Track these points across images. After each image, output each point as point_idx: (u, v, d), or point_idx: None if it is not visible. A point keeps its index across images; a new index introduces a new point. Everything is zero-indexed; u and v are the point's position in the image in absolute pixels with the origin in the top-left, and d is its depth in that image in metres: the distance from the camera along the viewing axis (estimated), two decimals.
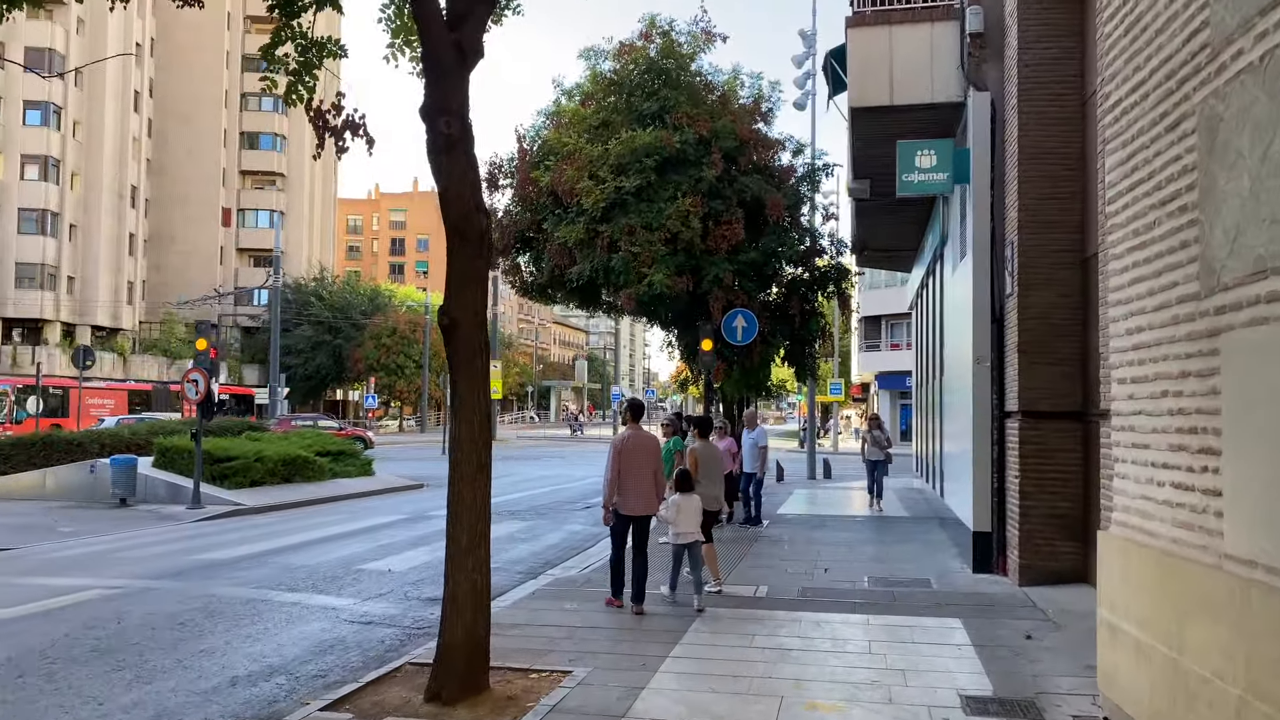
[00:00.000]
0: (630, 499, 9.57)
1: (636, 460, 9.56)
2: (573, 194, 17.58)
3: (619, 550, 9.80)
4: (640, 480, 9.58)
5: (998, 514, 11.27)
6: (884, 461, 19.18)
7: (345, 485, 22.73)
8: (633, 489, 9.55)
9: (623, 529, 9.74)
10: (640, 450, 9.65)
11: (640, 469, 9.58)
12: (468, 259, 6.53)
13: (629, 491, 9.55)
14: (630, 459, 9.56)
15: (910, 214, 18.40)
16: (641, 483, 9.58)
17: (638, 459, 9.58)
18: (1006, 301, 11.17)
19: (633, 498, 9.57)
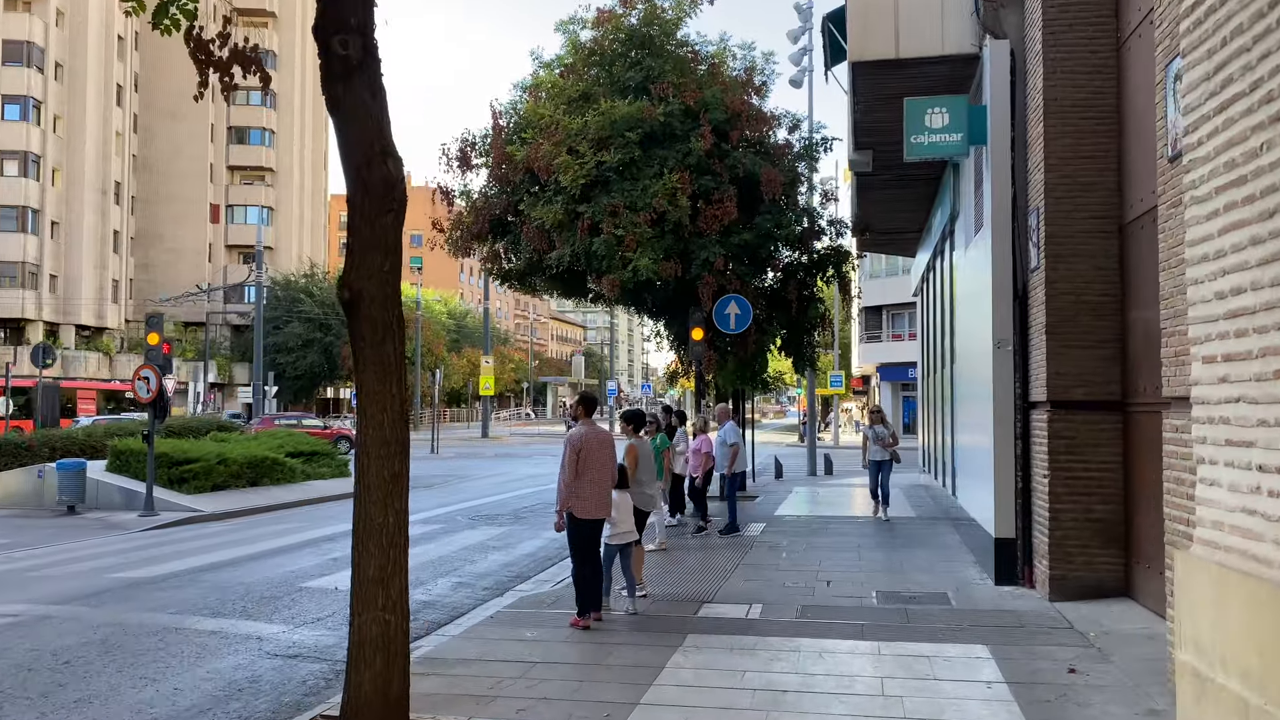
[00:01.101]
0: (589, 502, 8.50)
1: (596, 460, 8.52)
2: (549, 171, 16.21)
3: (587, 558, 8.59)
4: (600, 482, 8.56)
5: (1023, 518, 9.93)
6: (890, 461, 16.50)
7: (317, 488, 21.39)
8: (592, 491, 8.50)
9: (589, 535, 8.57)
10: (600, 448, 8.60)
11: (601, 469, 8.56)
12: (372, 215, 5.19)
13: (588, 494, 8.48)
14: (590, 458, 8.50)
15: (916, 191, 17.05)
16: (601, 485, 8.57)
17: (598, 458, 8.55)
18: (1031, 277, 9.82)
19: (592, 501, 8.51)
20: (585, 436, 8.58)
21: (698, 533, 14.35)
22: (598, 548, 8.79)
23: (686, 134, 16.49)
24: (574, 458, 8.47)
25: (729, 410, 15.47)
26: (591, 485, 8.50)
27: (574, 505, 8.49)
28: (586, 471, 8.50)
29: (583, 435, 8.59)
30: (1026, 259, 9.96)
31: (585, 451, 8.50)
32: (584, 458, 8.49)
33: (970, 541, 12.43)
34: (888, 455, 16.31)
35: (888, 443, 16.34)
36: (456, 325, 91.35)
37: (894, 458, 16.50)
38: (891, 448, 16.41)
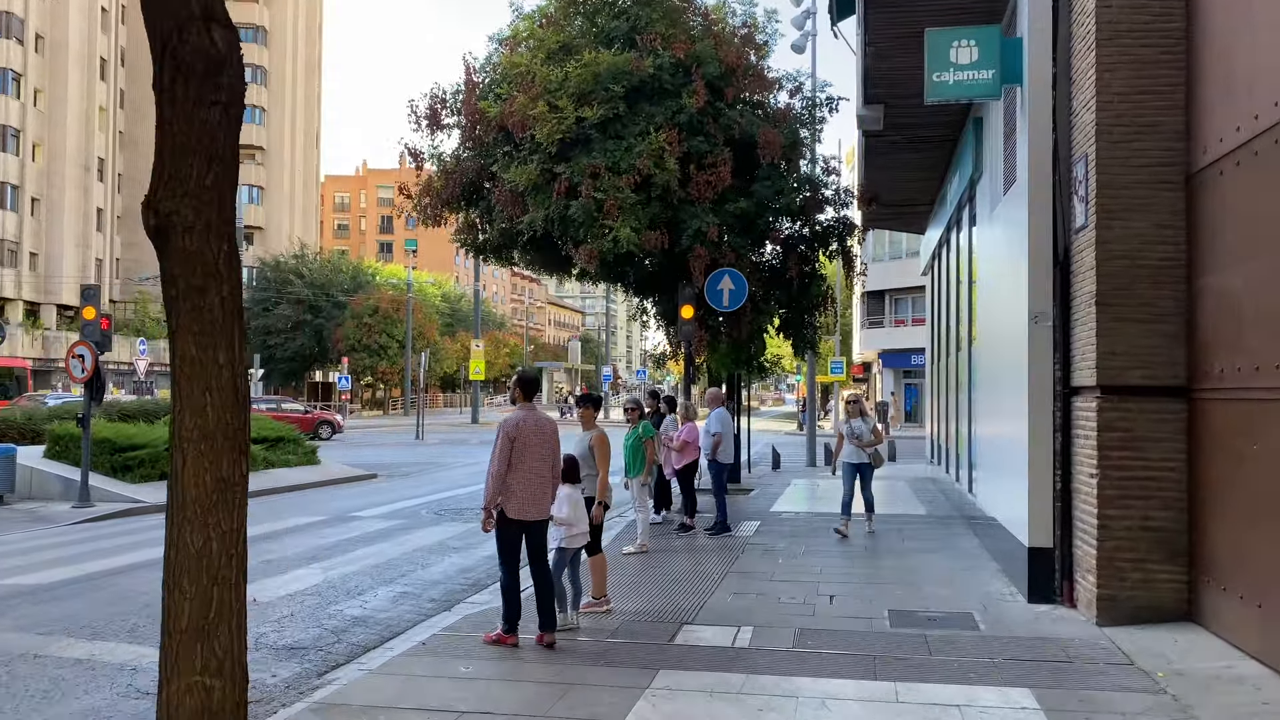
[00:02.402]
0: (522, 500, 7.11)
1: (532, 450, 7.16)
2: (524, 127, 14.64)
3: (513, 568, 7.20)
4: (536, 476, 7.19)
5: (1062, 525, 8.39)
6: (870, 466, 12.74)
7: (279, 477, 19.86)
8: (526, 487, 7.12)
9: (514, 539, 7.19)
10: (539, 437, 7.22)
11: (537, 462, 7.19)
12: (188, 107, 3.64)
13: (522, 490, 7.11)
14: (526, 448, 7.13)
15: (930, 155, 15.45)
16: (537, 479, 7.19)
17: (536, 448, 7.18)
18: (1075, 238, 8.26)
19: (526, 498, 7.13)
20: (522, 423, 7.14)
21: (682, 532, 12.83)
22: (541, 554, 7.34)
23: (677, 90, 14.92)
24: (506, 447, 7.06)
25: (720, 395, 13.89)
26: (526, 480, 7.12)
27: (503, 502, 7.06)
28: (521, 463, 7.10)
29: (519, 421, 7.14)
30: (1070, 217, 8.39)
31: (521, 440, 7.09)
32: (519, 448, 7.08)
33: (993, 547, 10.91)
34: (868, 456, 12.63)
35: (869, 441, 12.59)
36: (451, 309, 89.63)
37: (875, 460, 12.74)
38: (874, 447, 12.68)
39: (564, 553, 7.59)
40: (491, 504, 7.10)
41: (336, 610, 8.74)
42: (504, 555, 7.19)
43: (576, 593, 7.75)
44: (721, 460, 13.02)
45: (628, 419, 11.96)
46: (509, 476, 7.09)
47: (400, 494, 18.35)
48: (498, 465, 7.04)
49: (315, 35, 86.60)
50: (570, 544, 7.60)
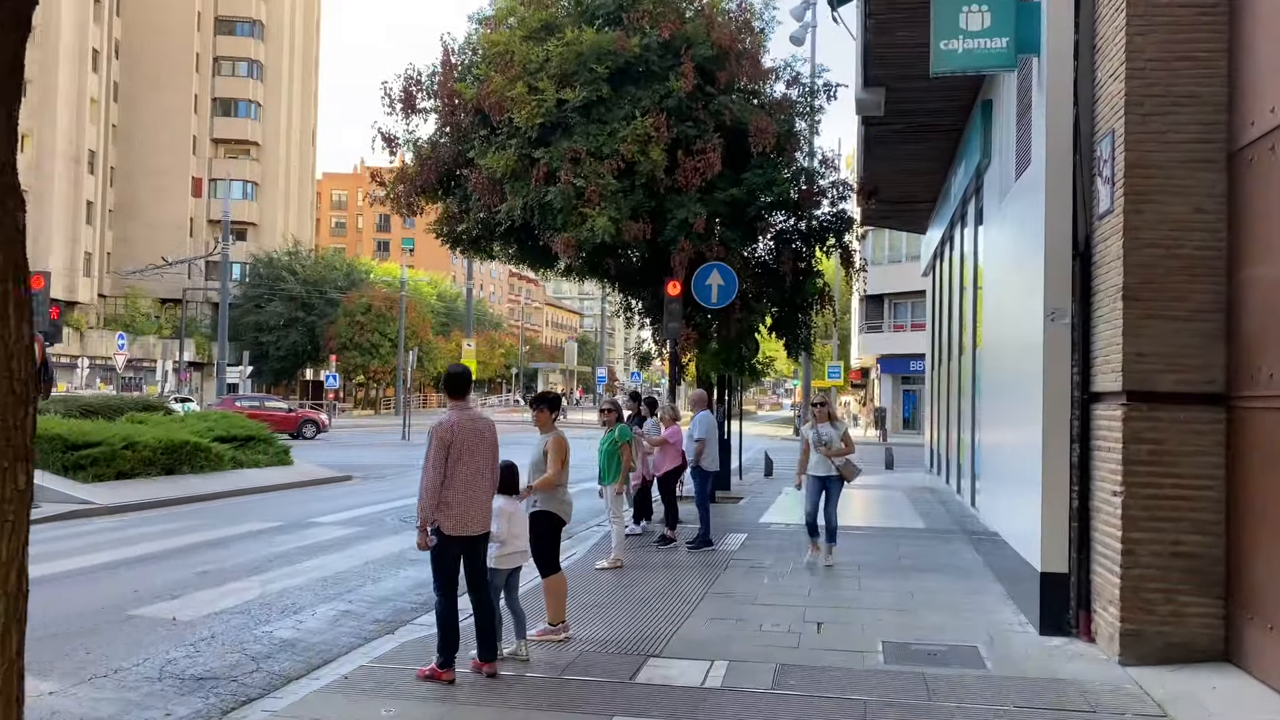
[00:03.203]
0: (461, 513, 6.21)
1: (470, 456, 6.26)
2: (502, 109, 13.72)
3: (450, 592, 6.31)
4: (474, 485, 6.29)
5: (1079, 547, 7.45)
6: (839, 479, 10.67)
7: (247, 478, 18.92)
8: (464, 498, 6.22)
9: (453, 558, 6.30)
10: (477, 442, 6.32)
11: (475, 469, 6.30)
12: None
13: (459, 502, 6.20)
14: (463, 455, 6.23)
15: (933, 145, 14.51)
16: (476, 489, 6.29)
17: (471, 454, 6.28)
18: (1099, 225, 7.33)
19: (465, 511, 6.23)
20: (456, 425, 6.23)
21: (662, 545, 11.89)
22: (484, 575, 6.43)
23: (665, 72, 14.00)
24: (440, 453, 6.17)
25: (704, 397, 12.91)
26: (464, 490, 6.21)
27: (440, 517, 6.13)
28: (458, 471, 6.19)
29: (453, 424, 6.23)
30: (1092, 202, 7.46)
31: (457, 445, 6.17)
32: (455, 454, 6.16)
33: (997, 566, 9.97)
34: (835, 469, 10.59)
35: (838, 450, 10.58)
36: (447, 308, 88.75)
37: (846, 473, 10.64)
38: (844, 457, 10.60)
39: (496, 574, 6.65)
40: (428, 519, 6.18)
41: (265, 632, 7.79)
42: (440, 577, 6.28)
43: (518, 619, 6.81)
44: (706, 468, 12.08)
45: (603, 421, 11.04)
46: (445, 488, 6.18)
47: (370, 498, 17.41)
48: (431, 475, 6.13)
49: (313, 31, 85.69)
50: (501, 564, 6.66)
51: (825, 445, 10.60)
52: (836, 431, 10.76)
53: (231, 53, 76.63)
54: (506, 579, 6.74)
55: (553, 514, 7.22)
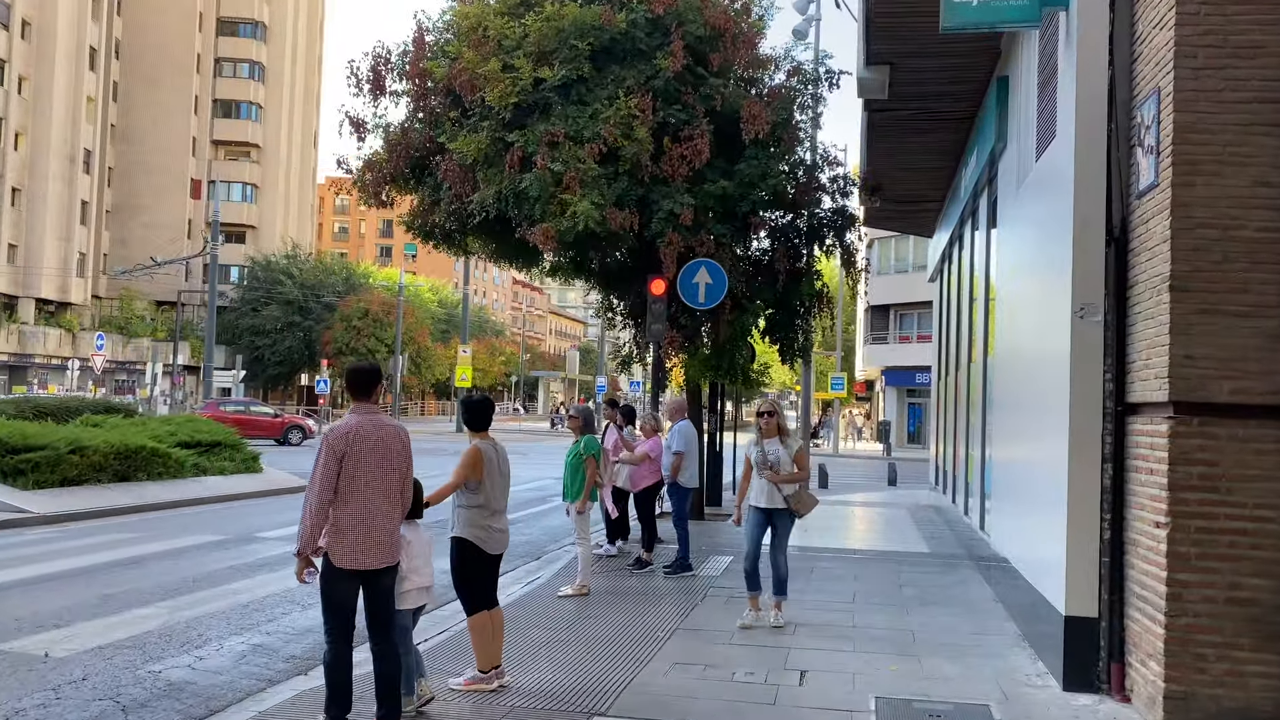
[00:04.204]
0: (357, 540, 5.06)
1: (370, 469, 5.14)
2: (474, 88, 12.62)
3: (342, 638, 5.16)
4: (376, 506, 5.12)
5: (1112, 587, 6.28)
6: (789, 514, 8.24)
7: (208, 486, 17.79)
8: (361, 522, 5.06)
9: (345, 597, 5.15)
10: (378, 453, 5.15)
11: (378, 487, 5.17)
12: None
13: (355, 527, 5.06)
14: (360, 469, 5.07)
15: (942, 136, 13.35)
16: (378, 510, 5.12)
17: (374, 468, 5.12)
18: (1139, 204, 6.17)
19: (362, 538, 5.08)
20: (354, 431, 5.09)
21: (638, 568, 10.73)
22: (386, 616, 5.27)
23: (652, 51, 12.88)
24: (331, 465, 5.02)
25: (683, 405, 11.70)
26: (361, 511, 5.07)
27: (329, 545, 4.99)
28: (354, 488, 5.05)
29: (350, 430, 5.09)
30: (1130, 177, 6.31)
31: (354, 456, 5.02)
32: (351, 466, 5.01)
33: (1011, 601, 8.79)
34: (784, 500, 8.13)
35: (788, 475, 8.16)
36: (448, 314, 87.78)
37: (798, 505, 8.19)
38: (795, 484, 8.21)
39: (403, 616, 5.51)
40: (310, 547, 5.04)
41: (152, 672, 6.64)
42: (331, 619, 5.14)
43: (417, 664, 5.67)
44: (684, 484, 10.91)
45: (571, 429, 9.90)
46: (337, 507, 5.04)
47: None
48: (319, 492, 4.99)
49: (316, 33, 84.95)
50: (402, 603, 5.52)
51: (772, 468, 8.13)
52: (788, 451, 8.19)
53: (233, 54, 75.90)
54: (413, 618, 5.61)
55: (466, 541, 6.05)
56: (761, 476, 8.16)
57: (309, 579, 5.11)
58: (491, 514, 6.08)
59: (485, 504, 6.04)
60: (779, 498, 8.15)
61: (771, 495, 8.15)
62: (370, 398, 5.32)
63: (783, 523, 8.27)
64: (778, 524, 8.27)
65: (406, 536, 5.49)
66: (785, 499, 8.15)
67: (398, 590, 5.47)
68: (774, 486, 8.12)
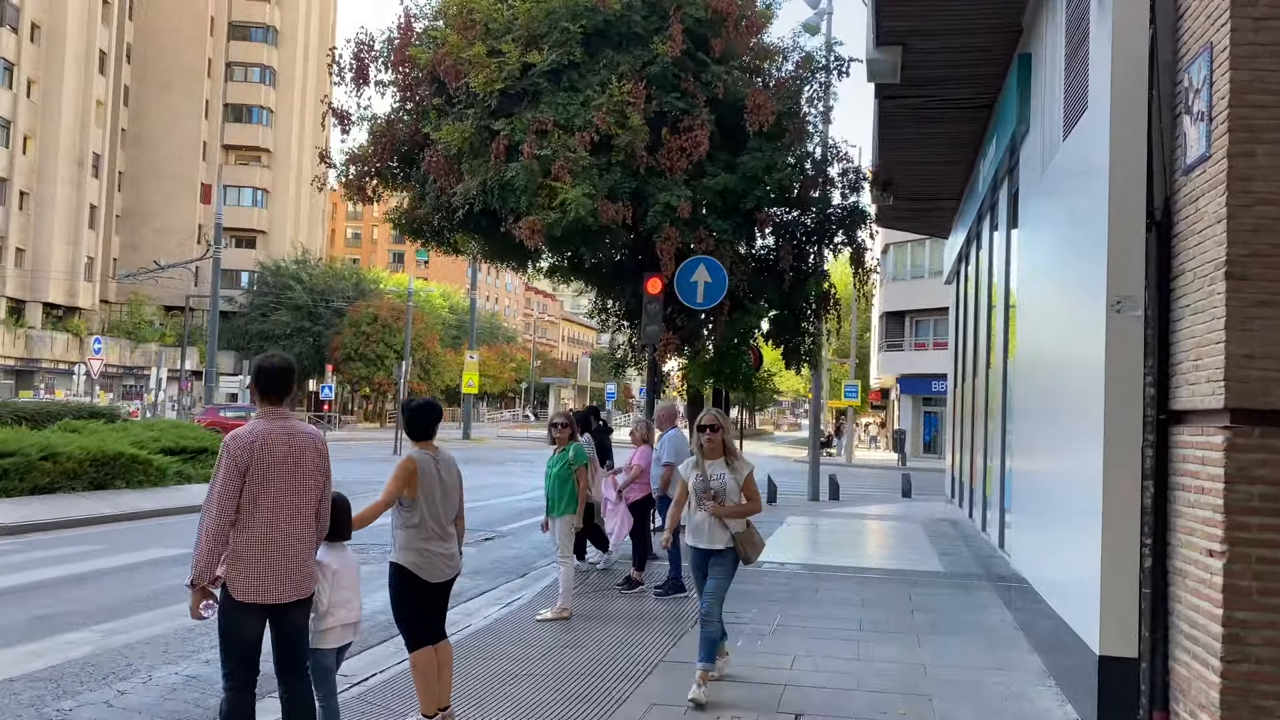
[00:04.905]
0: (260, 569, 4.30)
1: (280, 486, 4.37)
2: (458, 74, 11.88)
3: (240, 682, 4.40)
4: (286, 529, 4.38)
5: (1154, 623, 5.44)
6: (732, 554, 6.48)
7: (191, 494, 17.02)
8: (266, 547, 4.33)
9: (248, 635, 4.38)
10: (288, 465, 4.42)
11: (288, 506, 4.40)
12: None
13: (257, 553, 4.30)
14: (265, 482, 4.31)
15: (958, 126, 12.54)
16: (288, 535, 4.36)
17: (284, 483, 4.39)
18: (1186, 180, 5.35)
19: (267, 566, 4.31)
20: (260, 441, 4.34)
21: (627, 588, 9.92)
22: (296, 658, 4.51)
23: (649, 35, 12.11)
24: (233, 479, 4.27)
25: (675, 412, 10.83)
26: (267, 535, 4.31)
27: (227, 574, 4.24)
28: (258, 509, 4.29)
29: (256, 437, 4.34)
30: (1175, 150, 5.49)
31: (260, 469, 4.29)
32: (256, 481, 4.28)
33: (1033, 629, 7.95)
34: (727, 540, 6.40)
35: (733, 509, 6.40)
36: (459, 321, 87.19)
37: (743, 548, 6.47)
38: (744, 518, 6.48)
39: (316, 655, 4.74)
40: (206, 577, 4.26)
41: (61, 710, 5.88)
42: (230, 662, 4.38)
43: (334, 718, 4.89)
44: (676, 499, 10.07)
45: (554, 439, 9.11)
46: (238, 530, 4.27)
47: None
48: (217, 512, 4.22)
49: (328, 38, 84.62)
50: (322, 642, 4.75)
51: (715, 498, 6.38)
52: (735, 476, 6.43)
53: (244, 58, 75.71)
54: (335, 659, 4.83)
55: (402, 567, 5.26)
56: (701, 508, 6.43)
57: (206, 614, 4.35)
58: (430, 536, 5.27)
59: (421, 524, 5.25)
60: (722, 535, 6.41)
61: (712, 532, 6.42)
62: (279, 401, 4.55)
63: (723, 568, 6.46)
64: (716, 568, 6.44)
65: (328, 563, 4.73)
66: (731, 537, 6.42)
67: (317, 627, 4.71)
68: (716, 522, 6.38)
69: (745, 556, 6.50)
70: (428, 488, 5.32)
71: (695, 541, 6.52)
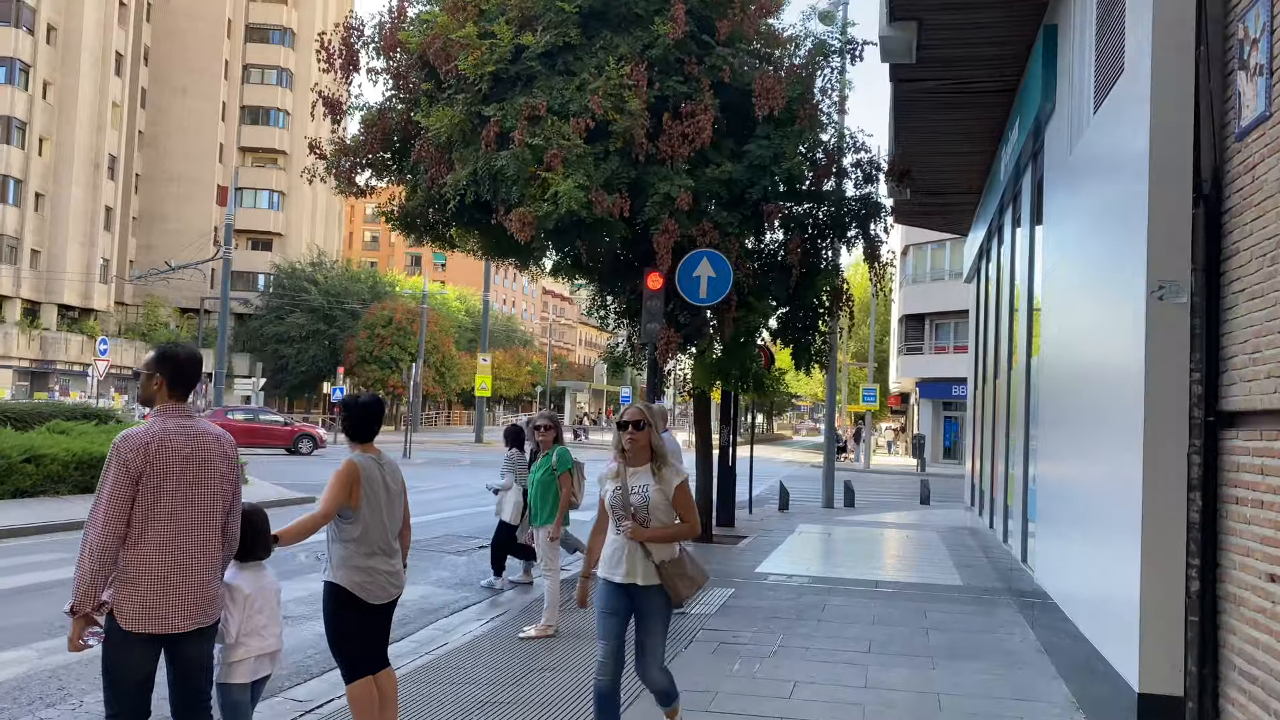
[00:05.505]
0: (156, 594, 3.69)
1: (181, 496, 3.76)
2: (448, 56, 11.26)
3: None
4: (188, 547, 3.78)
5: (1202, 655, 4.73)
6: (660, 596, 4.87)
7: None
8: (165, 568, 3.72)
9: (139, 668, 3.77)
10: (193, 472, 3.82)
11: (191, 519, 3.80)
12: None
13: (155, 574, 3.69)
14: (161, 491, 3.69)
15: (978, 113, 11.82)
16: (189, 553, 3.79)
17: (186, 493, 3.78)
18: (1236, 148, 4.65)
19: (165, 589, 3.71)
20: (158, 443, 3.72)
21: None
22: (196, 694, 3.88)
23: (650, 15, 11.46)
24: (124, 489, 3.64)
25: (662, 414, 10.11)
26: (164, 554, 3.70)
27: (115, 597, 3.65)
28: (154, 523, 3.68)
29: (151, 441, 3.72)
30: (1227, 112, 4.79)
31: (155, 476, 3.69)
32: (151, 491, 3.67)
33: (1059, 650, 7.24)
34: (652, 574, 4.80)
35: (657, 531, 4.80)
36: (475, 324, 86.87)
37: (670, 585, 4.82)
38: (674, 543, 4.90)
39: (226, 691, 4.11)
40: (89, 603, 3.63)
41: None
42: (117, 701, 3.78)
43: None
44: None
45: (537, 442, 8.46)
46: (130, 546, 3.64)
47: None
48: (103, 525, 3.61)
49: None
50: (231, 675, 4.12)
51: (635, 517, 4.82)
52: (662, 487, 4.85)
53: (261, 60, 75.66)
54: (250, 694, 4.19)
55: (339, 587, 4.62)
56: (619, 531, 4.86)
57: (89, 643, 3.73)
58: (374, 551, 4.64)
59: (364, 538, 4.62)
60: (644, 567, 4.80)
61: (633, 562, 4.81)
62: (185, 395, 3.92)
63: (654, 610, 4.85)
64: (645, 612, 4.84)
65: (239, 586, 4.10)
66: (657, 569, 4.80)
67: (227, 658, 4.08)
68: (637, 549, 4.80)
69: (676, 594, 4.83)
70: (372, 496, 4.69)
71: (609, 573, 4.87)
